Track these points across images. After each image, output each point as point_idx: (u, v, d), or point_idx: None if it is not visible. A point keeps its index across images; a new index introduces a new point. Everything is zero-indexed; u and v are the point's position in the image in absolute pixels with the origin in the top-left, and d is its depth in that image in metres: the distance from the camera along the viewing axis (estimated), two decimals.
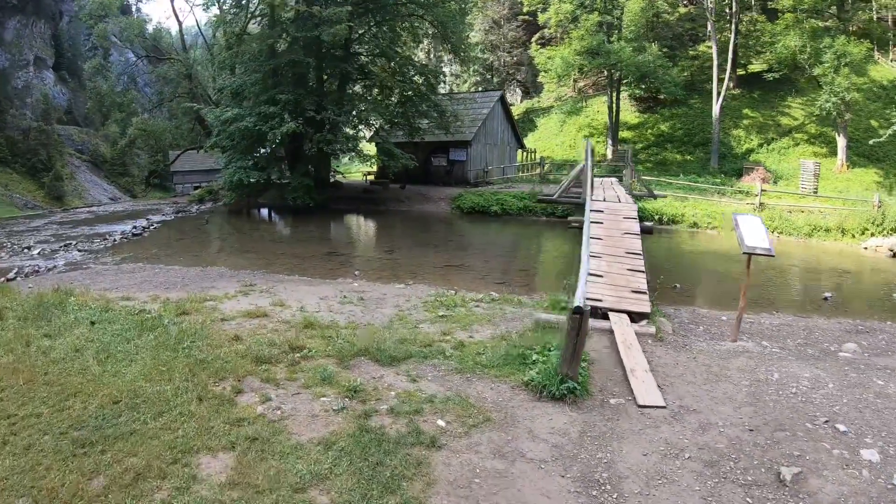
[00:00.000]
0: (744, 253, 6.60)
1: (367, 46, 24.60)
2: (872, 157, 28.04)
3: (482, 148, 28.46)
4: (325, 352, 5.63)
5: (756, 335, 7.45)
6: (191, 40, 41.11)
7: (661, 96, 36.08)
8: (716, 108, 31.26)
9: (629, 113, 38.05)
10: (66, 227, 22.03)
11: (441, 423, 4.36)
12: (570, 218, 10.83)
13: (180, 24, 36.73)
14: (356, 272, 11.14)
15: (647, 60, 31.44)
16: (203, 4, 28.20)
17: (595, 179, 13.96)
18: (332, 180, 27.17)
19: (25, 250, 15.78)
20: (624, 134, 36.15)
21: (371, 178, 29.77)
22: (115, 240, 17.38)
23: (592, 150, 12.22)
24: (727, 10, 33.16)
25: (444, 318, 7.25)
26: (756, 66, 35.33)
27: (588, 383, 5.09)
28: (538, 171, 28.68)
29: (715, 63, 31.50)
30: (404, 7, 23.86)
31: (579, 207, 12.75)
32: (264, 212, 25.24)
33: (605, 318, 7.05)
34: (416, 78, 25.24)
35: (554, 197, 11.08)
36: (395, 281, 10.25)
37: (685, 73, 35.07)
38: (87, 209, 31.34)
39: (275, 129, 20.02)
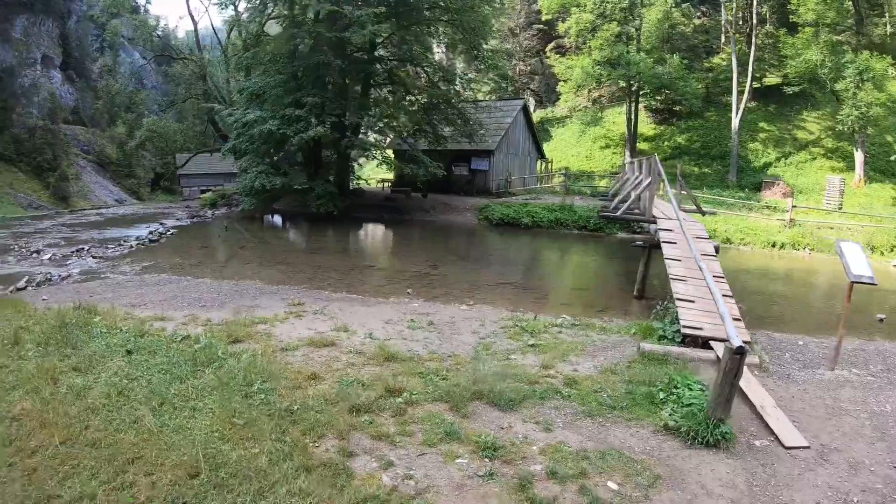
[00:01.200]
0: (851, 282, 6.35)
1: (392, 50, 23.87)
2: (888, 173, 27.74)
3: (504, 157, 27.70)
4: (430, 394, 4.80)
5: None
6: (202, 41, 40.39)
7: (677, 108, 35.59)
8: (735, 121, 30.80)
9: (645, 125, 37.56)
10: (75, 229, 21.11)
11: (613, 485, 3.72)
12: (636, 236, 10.09)
13: (195, 23, 36.04)
14: (408, 290, 10.28)
15: (667, 71, 30.98)
16: (219, 4, 27.49)
17: (632, 193, 13.28)
18: (352, 187, 26.35)
19: (34, 255, 14.81)
20: (640, 146, 35.60)
21: (388, 185, 29.01)
22: (130, 246, 16.46)
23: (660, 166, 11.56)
24: (741, 23, 32.76)
25: (533, 347, 6.46)
26: (771, 80, 34.89)
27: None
28: (562, 181, 27.99)
29: (735, 76, 31.05)
30: (430, 12, 23.18)
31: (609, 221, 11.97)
32: (278, 219, 24.36)
33: (706, 346, 6.67)
34: (441, 84, 24.53)
35: (618, 214, 10.45)
36: (453, 301, 9.40)
37: (700, 86, 34.58)
38: (95, 211, 30.41)
39: (300, 132, 19.21)
